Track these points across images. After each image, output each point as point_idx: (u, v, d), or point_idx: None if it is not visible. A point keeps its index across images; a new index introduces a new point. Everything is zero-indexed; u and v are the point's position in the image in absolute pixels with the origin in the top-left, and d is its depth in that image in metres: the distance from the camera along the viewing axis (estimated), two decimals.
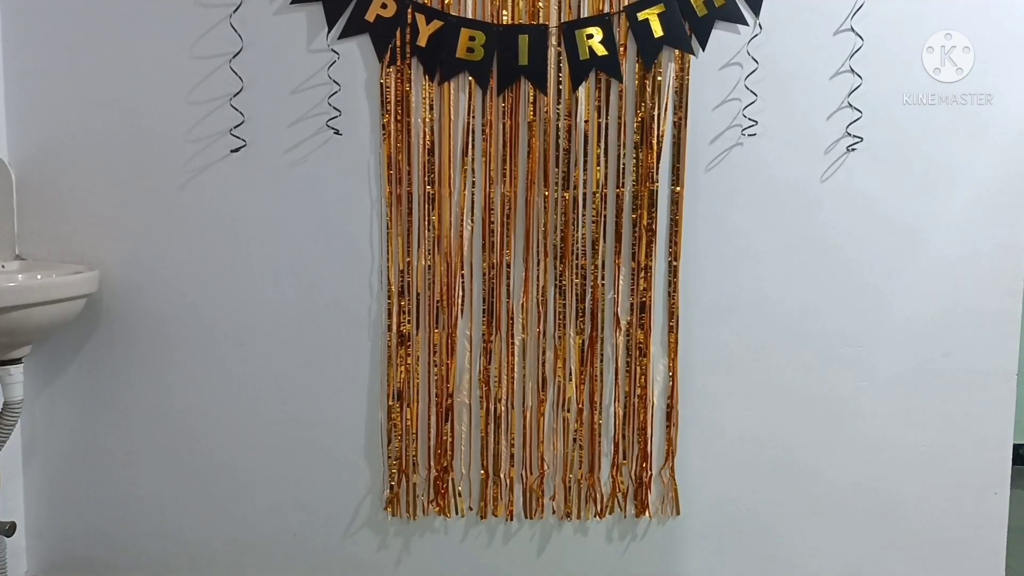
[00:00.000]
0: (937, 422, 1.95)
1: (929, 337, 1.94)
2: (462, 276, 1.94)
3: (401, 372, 1.97)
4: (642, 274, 1.92)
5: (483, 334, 1.96)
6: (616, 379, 1.96)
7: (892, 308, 1.93)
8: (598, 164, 1.91)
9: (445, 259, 1.94)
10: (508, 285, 1.94)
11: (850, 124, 1.88)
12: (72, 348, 2.04)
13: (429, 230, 1.93)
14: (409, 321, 1.96)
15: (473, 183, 1.92)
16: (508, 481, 1.99)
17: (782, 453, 1.97)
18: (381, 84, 1.90)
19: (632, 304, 1.94)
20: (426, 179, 1.92)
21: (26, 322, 1.81)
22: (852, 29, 1.86)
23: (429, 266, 1.95)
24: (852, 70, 1.87)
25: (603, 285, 1.94)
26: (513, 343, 1.96)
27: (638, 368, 1.95)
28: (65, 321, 1.93)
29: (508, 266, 1.94)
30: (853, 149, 1.89)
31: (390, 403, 1.98)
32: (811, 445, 1.97)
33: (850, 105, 1.88)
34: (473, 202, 1.93)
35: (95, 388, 2.05)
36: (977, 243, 1.91)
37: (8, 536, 1.94)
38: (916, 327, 1.94)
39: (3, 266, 1.95)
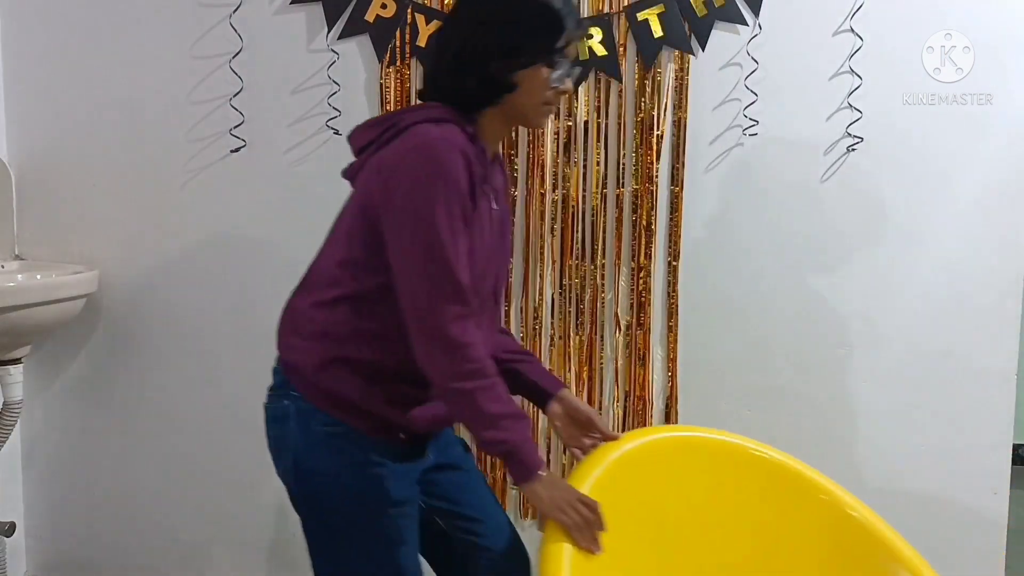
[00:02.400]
0: (937, 422, 1.94)
1: (929, 336, 1.93)
2: None
3: None
4: (641, 274, 1.92)
5: None
6: (616, 379, 1.96)
7: (892, 308, 1.93)
8: (597, 164, 1.91)
9: None
10: (507, 285, 1.94)
11: (850, 124, 1.88)
12: (72, 348, 2.04)
13: None
14: None
15: None
16: (506, 481, 1.99)
17: None
18: (381, 84, 1.90)
19: (632, 304, 1.94)
20: None
21: (26, 322, 1.81)
22: (852, 29, 1.86)
23: None
24: (852, 70, 1.87)
25: (603, 285, 1.94)
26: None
27: (638, 368, 1.95)
28: (65, 321, 1.94)
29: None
30: (853, 149, 1.89)
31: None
32: (811, 445, 1.96)
33: (850, 105, 1.88)
34: None
35: (95, 388, 2.05)
36: (977, 242, 1.91)
37: (8, 536, 1.94)
38: (916, 327, 1.93)
39: (3, 266, 1.95)
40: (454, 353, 1.13)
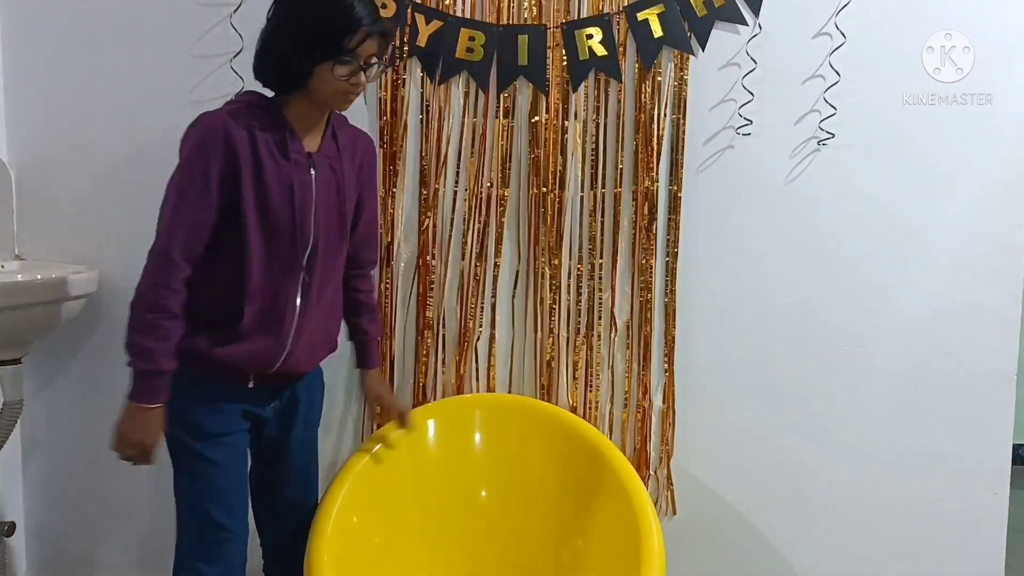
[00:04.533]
0: (937, 422, 1.94)
1: (929, 337, 1.93)
2: (461, 276, 1.94)
3: (401, 372, 1.97)
4: (640, 274, 1.92)
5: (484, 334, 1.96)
6: (614, 379, 1.96)
7: (892, 308, 1.93)
8: (597, 164, 1.91)
9: (444, 259, 1.94)
10: (508, 285, 1.94)
11: (850, 125, 1.88)
12: (72, 348, 2.04)
13: (428, 230, 1.93)
14: (409, 321, 1.96)
15: (474, 183, 1.92)
16: None
17: (781, 453, 1.97)
18: (379, 84, 1.90)
19: (630, 304, 1.94)
20: (425, 179, 1.92)
21: (26, 322, 1.81)
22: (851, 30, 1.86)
23: (428, 266, 1.95)
24: (852, 71, 1.87)
25: (601, 285, 1.94)
26: (513, 343, 1.96)
27: (636, 368, 1.95)
28: (65, 321, 1.94)
29: (508, 266, 1.94)
30: (854, 149, 1.89)
31: None
32: (810, 445, 1.97)
33: (850, 106, 1.88)
34: (473, 202, 1.93)
35: (95, 388, 2.05)
36: (977, 243, 1.91)
37: (8, 536, 1.94)
38: (916, 327, 1.93)
39: (3, 266, 1.95)
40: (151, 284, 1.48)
